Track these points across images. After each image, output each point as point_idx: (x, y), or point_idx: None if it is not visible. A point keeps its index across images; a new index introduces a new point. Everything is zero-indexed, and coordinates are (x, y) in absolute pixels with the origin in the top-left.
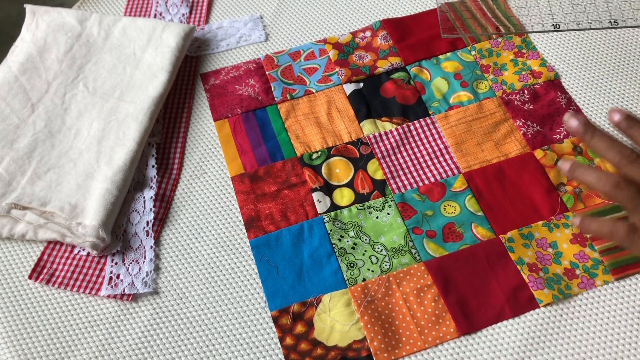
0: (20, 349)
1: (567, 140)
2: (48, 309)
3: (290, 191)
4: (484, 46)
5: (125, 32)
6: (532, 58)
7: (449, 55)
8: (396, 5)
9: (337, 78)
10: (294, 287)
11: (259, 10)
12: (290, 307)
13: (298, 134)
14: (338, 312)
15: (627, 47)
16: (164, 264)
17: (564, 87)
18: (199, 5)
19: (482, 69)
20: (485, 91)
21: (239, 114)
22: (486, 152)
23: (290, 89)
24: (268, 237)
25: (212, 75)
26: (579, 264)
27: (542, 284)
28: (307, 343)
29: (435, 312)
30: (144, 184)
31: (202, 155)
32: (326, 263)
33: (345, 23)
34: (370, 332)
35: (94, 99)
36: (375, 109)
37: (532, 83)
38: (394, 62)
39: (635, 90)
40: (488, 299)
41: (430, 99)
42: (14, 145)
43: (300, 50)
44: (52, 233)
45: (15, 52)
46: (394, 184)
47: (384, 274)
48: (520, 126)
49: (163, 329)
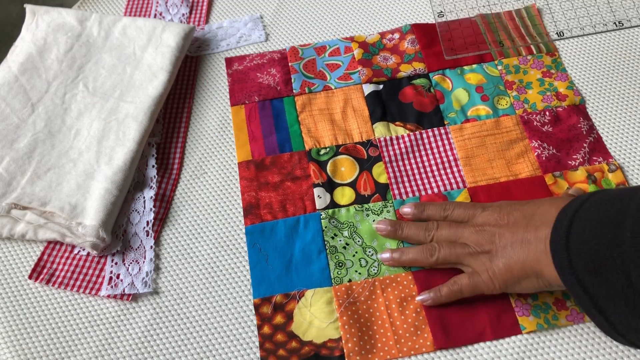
0: (20, 349)
1: (581, 167)
2: (48, 309)
3: (293, 183)
4: (512, 62)
5: (125, 32)
6: (560, 79)
7: (475, 67)
8: (394, 10)
9: (357, 77)
10: (281, 278)
11: (259, 10)
12: (274, 297)
13: (310, 128)
14: (318, 309)
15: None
16: (164, 264)
17: (588, 113)
18: (199, 5)
19: (506, 85)
20: (506, 107)
21: (256, 101)
22: (496, 169)
23: (309, 83)
24: (264, 225)
25: (236, 60)
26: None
27: (528, 311)
28: (283, 334)
29: (415, 323)
30: (144, 184)
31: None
32: (315, 259)
33: (345, 23)
34: (347, 333)
35: (94, 99)
36: (391, 113)
37: (556, 105)
38: (418, 67)
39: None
40: (471, 317)
41: (448, 109)
42: (14, 145)
43: (326, 45)
44: (52, 233)
45: (15, 52)
46: (397, 190)
47: (370, 278)
48: (536, 147)
49: (163, 329)
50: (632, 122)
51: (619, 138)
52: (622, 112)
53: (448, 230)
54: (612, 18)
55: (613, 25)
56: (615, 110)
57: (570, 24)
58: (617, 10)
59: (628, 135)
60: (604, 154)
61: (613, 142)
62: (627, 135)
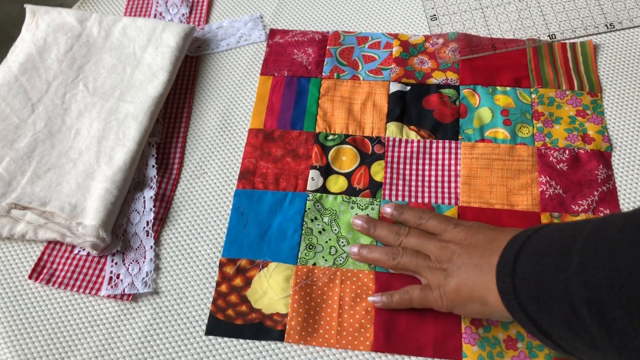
0: (20, 349)
1: (583, 214)
2: (48, 309)
3: (293, 160)
4: (548, 93)
5: (125, 32)
6: (592, 122)
7: (508, 90)
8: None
9: (388, 74)
10: (252, 245)
11: (259, 10)
12: (240, 260)
13: (327, 112)
14: (275, 282)
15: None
16: (164, 264)
17: (611, 162)
18: (199, 5)
19: (533, 114)
20: (525, 136)
21: (285, 76)
22: (494, 195)
23: (340, 69)
24: (253, 192)
25: (279, 33)
26: (525, 337)
27: (475, 340)
28: (237, 296)
29: (362, 321)
30: (144, 184)
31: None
32: (290, 236)
33: (345, 23)
34: (294, 311)
35: (94, 99)
36: (408, 115)
37: (578, 146)
38: (450, 77)
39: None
40: (417, 330)
41: (467, 125)
42: (14, 145)
43: (369, 36)
44: (52, 233)
45: (15, 52)
46: (388, 191)
47: (333, 267)
48: (543, 183)
49: (163, 329)
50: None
51: (636, 194)
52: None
53: (416, 240)
54: (603, 20)
55: (604, 27)
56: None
57: (562, 26)
58: (608, 13)
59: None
60: (613, 207)
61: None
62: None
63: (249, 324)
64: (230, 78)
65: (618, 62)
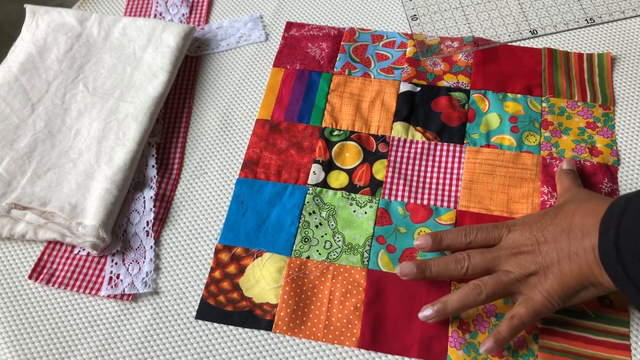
0: (20, 349)
1: None
2: (48, 309)
3: (297, 153)
4: (559, 103)
5: (125, 32)
6: (602, 135)
7: (519, 97)
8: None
9: (399, 73)
10: (249, 234)
11: (259, 10)
12: (235, 248)
13: (335, 107)
14: (267, 272)
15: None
16: (164, 264)
17: (617, 176)
18: (199, 5)
19: (542, 123)
20: (532, 145)
21: (296, 69)
22: (494, 202)
23: (352, 66)
24: (254, 182)
25: (295, 26)
26: (511, 345)
27: (460, 345)
28: (229, 283)
29: (350, 317)
30: (144, 184)
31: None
32: (287, 228)
33: (346, 24)
34: (284, 302)
35: (94, 99)
36: (416, 116)
37: (585, 158)
38: (462, 81)
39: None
40: (404, 329)
41: (473, 130)
42: (14, 145)
43: (384, 35)
44: (52, 233)
45: (15, 52)
46: (388, 190)
47: (327, 261)
48: (544, 193)
49: (163, 329)
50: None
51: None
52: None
53: (482, 258)
54: (582, 15)
55: (585, 22)
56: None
57: (543, 22)
58: (587, 9)
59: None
60: None
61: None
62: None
63: (238, 311)
64: (230, 78)
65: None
